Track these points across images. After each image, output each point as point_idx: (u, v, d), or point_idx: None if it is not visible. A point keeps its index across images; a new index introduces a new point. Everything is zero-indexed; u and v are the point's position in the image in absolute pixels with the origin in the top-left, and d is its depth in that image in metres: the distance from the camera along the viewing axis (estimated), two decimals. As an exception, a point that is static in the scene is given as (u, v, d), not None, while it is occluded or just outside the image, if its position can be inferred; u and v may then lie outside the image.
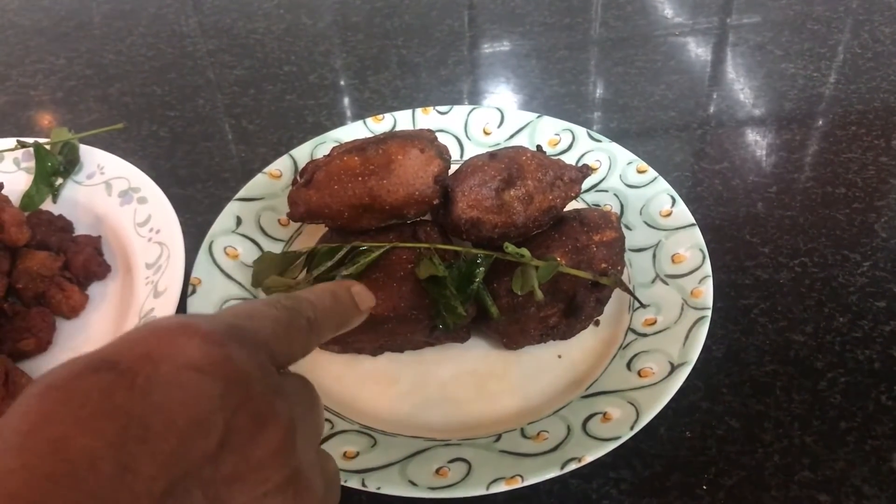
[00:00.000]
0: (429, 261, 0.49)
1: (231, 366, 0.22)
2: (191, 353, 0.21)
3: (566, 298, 0.51)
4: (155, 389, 0.20)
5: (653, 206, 0.60)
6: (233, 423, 0.21)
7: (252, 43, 0.91)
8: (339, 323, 0.32)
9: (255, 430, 0.22)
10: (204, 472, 0.20)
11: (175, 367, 0.21)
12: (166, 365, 0.21)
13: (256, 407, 0.22)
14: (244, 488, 0.21)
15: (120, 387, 0.20)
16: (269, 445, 0.22)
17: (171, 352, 0.21)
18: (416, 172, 0.50)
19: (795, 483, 0.47)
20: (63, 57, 0.89)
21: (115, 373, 0.20)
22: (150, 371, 0.20)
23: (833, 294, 0.58)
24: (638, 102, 0.79)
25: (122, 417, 0.19)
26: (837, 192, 0.67)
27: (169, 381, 0.20)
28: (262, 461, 0.22)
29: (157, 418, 0.20)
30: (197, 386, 0.21)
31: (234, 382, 0.22)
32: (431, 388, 0.52)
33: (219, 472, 0.21)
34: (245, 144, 0.75)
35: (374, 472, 0.44)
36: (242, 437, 0.21)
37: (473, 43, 0.91)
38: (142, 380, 0.20)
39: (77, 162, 0.66)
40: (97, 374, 0.20)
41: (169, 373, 0.21)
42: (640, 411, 0.46)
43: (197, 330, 0.22)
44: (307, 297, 0.29)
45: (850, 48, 0.86)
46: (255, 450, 0.22)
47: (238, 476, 0.21)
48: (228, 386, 0.21)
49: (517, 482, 0.43)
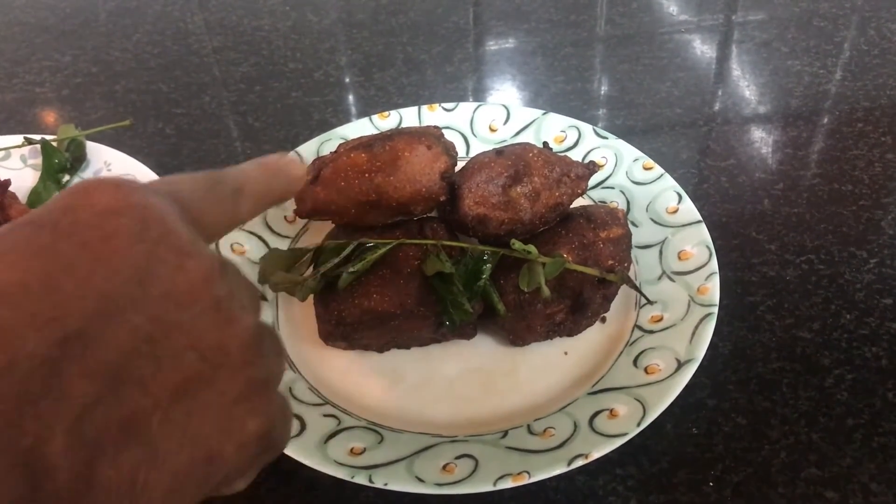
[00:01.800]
0: (435, 257, 0.49)
1: (146, 210, 0.23)
2: (108, 201, 0.22)
3: (573, 295, 0.51)
4: (76, 232, 0.21)
5: (659, 202, 0.60)
6: (155, 254, 0.22)
7: (258, 40, 0.91)
8: (269, 190, 0.32)
9: (178, 260, 0.23)
10: (135, 293, 0.21)
11: (94, 213, 0.22)
12: (85, 213, 0.22)
13: (178, 241, 0.23)
14: (177, 307, 0.22)
15: (43, 232, 0.21)
16: (196, 273, 0.23)
17: (90, 202, 0.22)
18: (422, 169, 0.50)
19: (802, 480, 0.47)
20: (69, 54, 0.90)
21: (37, 225, 0.22)
22: (71, 218, 0.22)
23: (840, 291, 0.58)
24: (644, 99, 0.79)
25: (48, 255, 0.21)
26: (844, 189, 0.67)
27: (89, 224, 0.22)
28: (190, 283, 0.23)
29: (81, 254, 0.21)
30: (115, 224, 0.22)
31: (150, 221, 0.23)
32: (438, 385, 0.52)
33: (149, 295, 0.22)
34: (251, 141, 0.76)
35: (381, 469, 0.44)
36: (167, 266, 0.22)
37: (479, 40, 0.91)
38: (65, 224, 0.22)
39: (84, 159, 0.66)
40: (21, 228, 0.22)
41: (88, 218, 0.22)
42: (647, 408, 0.46)
43: (109, 183, 0.23)
44: (236, 168, 0.30)
45: (856, 45, 0.86)
46: (183, 276, 0.23)
47: (169, 297, 0.22)
48: (145, 223, 0.23)
49: (524, 478, 0.43)
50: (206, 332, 0.23)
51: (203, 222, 0.27)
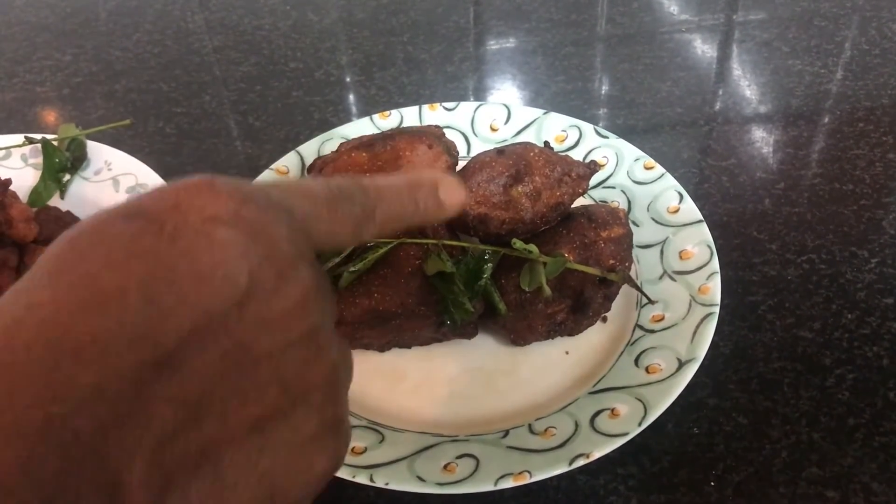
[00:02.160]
0: (436, 257, 0.49)
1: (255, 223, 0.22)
2: (217, 207, 0.21)
3: (574, 295, 0.51)
4: (182, 237, 0.21)
5: (660, 202, 0.60)
6: (256, 273, 0.21)
7: (258, 39, 0.91)
8: (412, 218, 0.29)
9: (278, 283, 0.22)
10: (229, 317, 0.20)
11: (201, 219, 0.21)
12: (193, 216, 0.21)
13: (280, 262, 0.22)
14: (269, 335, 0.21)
15: (148, 232, 0.20)
16: (291, 299, 0.22)
17: (199, 204, 0.21)
18: (423, 169, 0.50)
19: (803, 480, 0.47)
20: (69, 53, 0.90)
21: (145, 220, 0.21)
22: (178, 220, 0.21)
23: (841, 291, 0.58)
24: (644, 99, 0.78)
25: (150, 259, 0.20)
26: (845, 189, 0.67)
27: (196, 230, 0.21)
28: (285, 313, 0.22)
29: (184, 263, 0.20)
30: (222, 236, 0.21)
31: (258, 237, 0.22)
32: (439, 384, 0.52)
33: (244, 318, 0.21)
34: (252, 141, 0.76)
35: (382, 468, 0.44)
36: (266, 288, 0.21)
37: (479, 39, 0.91)
38: (170, 227, 0.21)
39: (84, 158, 0.66)
40: (126, 221, 0.21)
41: (195, 223, 0.21)
42: (648, 408, 0.46)
43: (223, 187, 0.22)
44: (378, 186, 0.28)
45: (857, 44, 0.85)
46: (278, 301, 0.22)
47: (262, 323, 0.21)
48: (252, 239, 0.21)
49: (525, 478, 0.43)
50: (293, 365, 0.22)
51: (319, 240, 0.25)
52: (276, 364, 0.21)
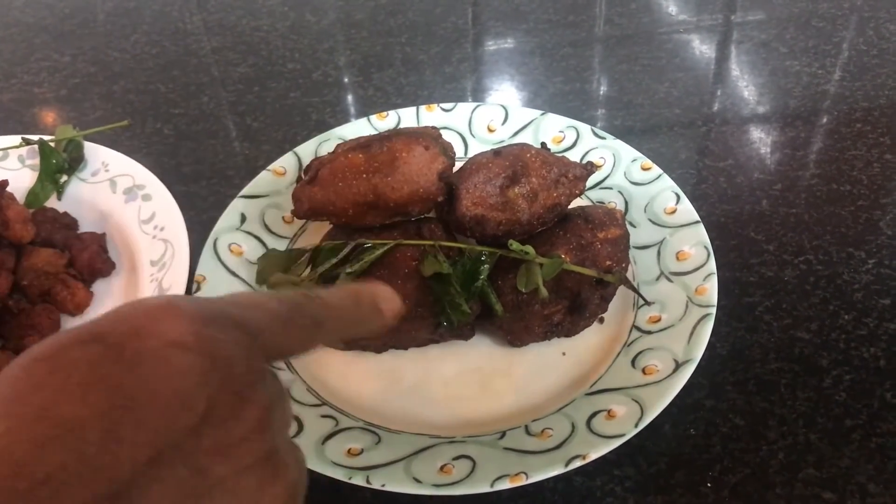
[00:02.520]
0: (433, 258, 0.49)
1: (215, 346, 0.22)
2: (177, 331, 0.22)
3: (570, 296, 0.51)
4: (141, 363, 0.21)
5: (657, 203, 0.60)
6: (215, 398, 0.21)
7: (256, 40, 0.91)
8: (357, 327, 0.31)
9: (236, 407, 0.22)
10: (187, 444, 0.21)
11: (161, 343, 0.21)
12: (153, 340, 0.21)
13: (238, 386, 0.22)
14: (225, 461, 0.22)
15: (107, 359, 0.20)
16: (249, 423, 0.22)
17: (159, 329, 0.21)
18: (420, 170, 0.50)
19: (800, 481, 0.47)
20: (67, 54, 0.90)
21: (103, 346, 0.21)
22: (137, 346, 0.21)
23: (838, 292, 0.58)
24: (642, 100, 0.78)
25: (108, 388, 0.20)
26: (842, 190, 0.67)
27: (155, 355, 0.21)
28: (242, 436, 0.22)
29: (143, 391, 0.20)
30: (182, 362, 0.21)
31: (218, 361, 0.22)
32: (435, 386, 0.52)
33: (201, 445, 0.21)
34: (249, 142, 0.75)
35: (378, 470, 0.44)
36: (223, 413, 0.22)
37: (477, 40, 0.91)
38: (129, 353, 0.21)
39: (82, 159, 0.66)
40: (85, 347, 0.21)
41: (155, 348, 0.21)
42: (645, 409, 0.46)
43: (184, 310, 0.22)
44: (325, 298, 0.29)
45: (855, 45, 0.85)
46: (236, 425, 0.22)
47: (219, 449, 0.22)
48: (212, 363, 0.22)
49: (521, 479, 0.43)
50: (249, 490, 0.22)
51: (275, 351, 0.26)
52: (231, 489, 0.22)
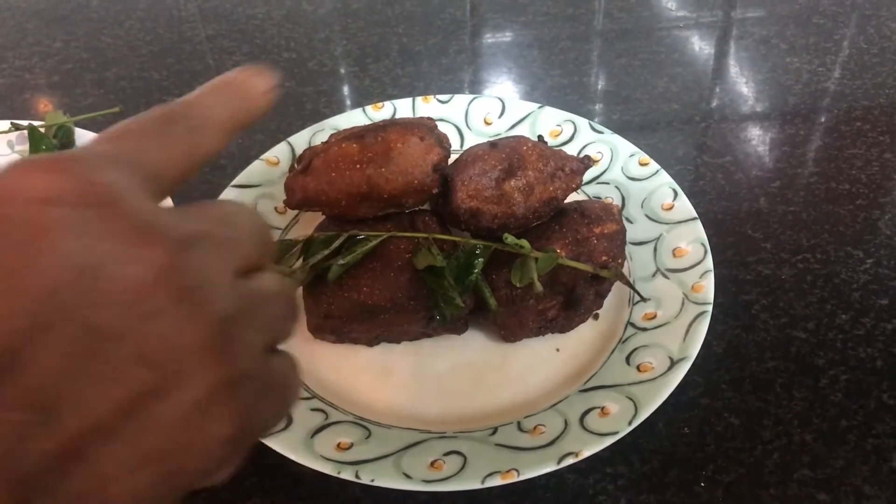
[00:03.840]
0: (427, 251, 0.48)
1: (86, 190, 0.20)
2: (42, 185, 0.19)
3: (565, 291, 0.50)
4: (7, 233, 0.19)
5: (654, 199, 0.59)
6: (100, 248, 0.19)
7: (251, 28, 0.89)
8: (233, 116, 0.27)
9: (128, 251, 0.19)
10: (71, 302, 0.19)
11: (24, 205, 0.19)
12: (15, 206, 0.19)
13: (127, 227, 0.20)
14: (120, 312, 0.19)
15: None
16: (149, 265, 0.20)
17: (19, 190, 0.19)
18: (415, 161, 0.49)
19: (795, 481, 0.46)
20: (60, 40, 0.88)
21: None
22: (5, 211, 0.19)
23: (835, 291, 0.57)
24: (641, 95, 0.78)
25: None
26: (841, 189, 0.66)
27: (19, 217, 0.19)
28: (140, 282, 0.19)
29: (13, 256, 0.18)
30: (50, 217, 0.19)
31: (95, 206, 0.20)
32: (427, 380, 0.51)
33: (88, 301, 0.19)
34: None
35: (367, 464, 0.44)
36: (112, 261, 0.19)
37: (475, 32, 0.90)
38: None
39: (72, 145, 0.65)
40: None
41: (19, 212, 0.19)
42: (639, 406, 0.45)
43: (42, 163, 0.20)
44: (183, 99, 0.26)
45: (855, 43, 0.85)
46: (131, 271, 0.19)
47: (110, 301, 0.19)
48: (88, 210, 0.19)
49: (513, 476, 0.42)
50: (158, 337, 0.19)
51: (163, 174, 0.23)
52: (134, 339, 0.19)
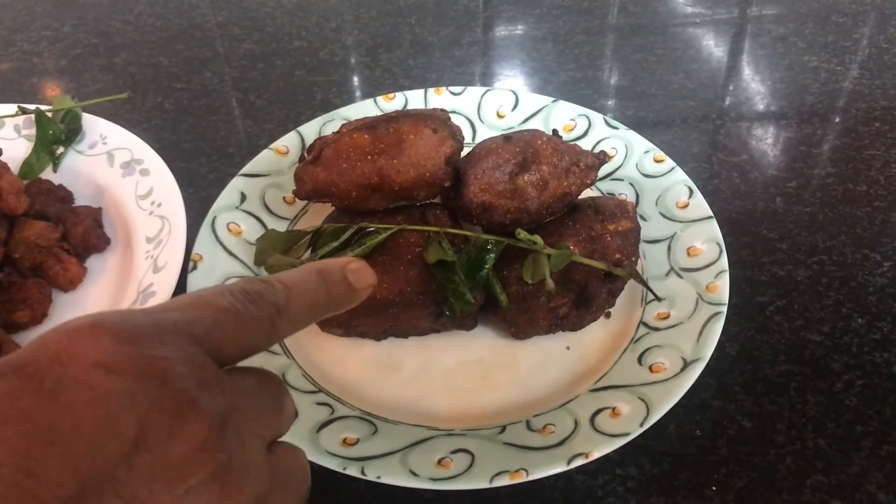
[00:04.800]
0: (438, 245, 0.48)
1: (144, 362, 0.21)
2: (100, 352, 0.20)
3: (577, 289, 0.49)
4: (63, 392, 0.20)
5: (669, 196, 0.58)
6: (147, 420, 0.20)
7: (262, 16, 0.88)
8: (325, 308, 0.28)
9: (173, 425, 0.21)
10: (118, 473, 0.19)
11: (84, 368, 0.20)
12: (75, 366, 0.20)
13: (174, 402, 0.21)
14: (163, 487, 0.20)
15: (26, 391, 0.19)
16: (190, 441, 0.21)
17: (81, 352, 0.20)
18: (427, 153, 0.49)
19: (808, 487, 0.45)
20: (69, 24, 0.88)
21: (22, 376, 0.20)
22: (59, 373, 0.20)
23: (851, 294, 0.56)
24: (656, 90, 0.77)
25: (26, 422, 0.19)
26: (859, 190, 0.65)
27: (77, 382, 0.20)
28: (182, 458, 0.21)
29: (65, 421, 0.19)
30: (105, 385, 0.20)
31: (147, 378, 0.21)
32: (435, 376, 0.51)
33: (134, 473, 0.20)
34: (252, 119, 0.74)
35: (374, 461, 0.43)
36: (159, 435, 0.20)
37: (489, 24, 0.89)
38: (49, 383, 0.20)
39: (79, 131, 0.64)
40: (2, 379, 0.20)
41: (77, 374, 0.20)
42: (651, 408, 0.44)
43: (107, 328, 0.21)
44: (284, 279, 0.27)
45: (875, 42, 0.83)
46: (174, 447, 0.21)
47: (155, 475, 0.20)
48: (141, 383, 0.20)
49: (521, 476, 0.42)
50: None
51: (227, 350, 0.24)
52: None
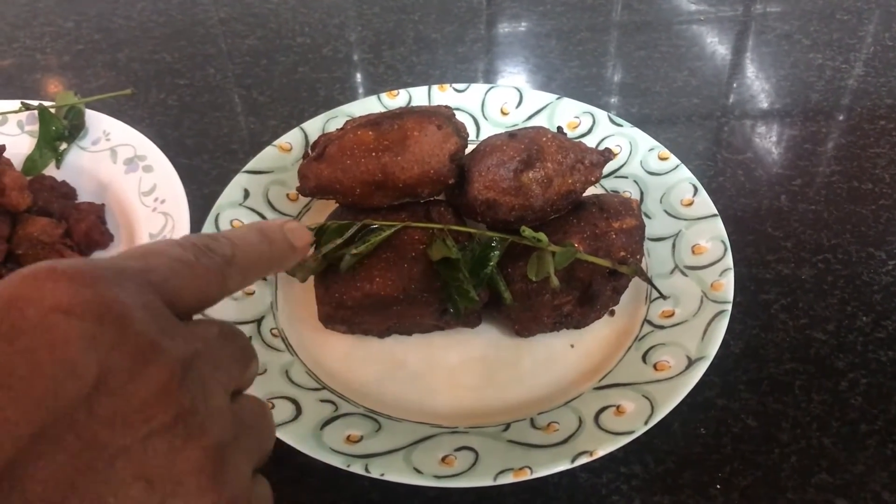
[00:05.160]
0: (442, 242, 0.47)
1: (103, 305, 0.21)
2: (57, 296, 0.20)
3: (582, 286, 0.49)
4: (19, 336, 0.19)
5: (674, 194, 0.58)
6: (107, 362, 0.20)
7: (265, 12, 0.88)
8: (269, 262, 0.30)
9: (134, 368, 0.20)
10: (77, 415, 0.19)
11: (41, 311, 0.20)
12: (31, 309, 0.20)
13: (136, 344, 0.21)
14: (124, 429, 0.20)
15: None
16: (153, 383, 0.21)
17: (37, 296, 0.20)
18: (431, 150, 0.48)
19: (812, 486, 0.45)
20: (71, 20, 0.87)
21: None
22: (15, 317, 0.20)
23: (857, 293, 0.56)
24: (660, 88, 0.76)
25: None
26: (864, 188, 0.65)
27: (34, 325, 0.20)
28: (144, 400, 0.20)
29: (22, 365, 0.19)
30: (63, 328, 0.20)
31: (108, 321, 0.20)
32: (439, 374, 0.51)
33: (94, 414, 0.20)
34: (255, 116, 0.74)
35: (377, 458, 0.43)
36: (120, 377, 0.20)
37: (492, 21, 0.89)
38: (5, 327, 0.20)
39: (82, 127, 0.64)
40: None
41: (34, 317, 0.20)
42: (655, 405, 0.44)
43: (64, 272, 0.21)
44: (229, 235, 0.28)
45: (879, 40, 0.83)
46: (135, 389, 0.20)
47: (116, 417, 0.20)
48: (100, 325, 0.20)
49: (526, 474, 0.42)
50: (157, 457, 0.20)
51: (183, 299, 0.24)
52: (136, 458, 0.20)
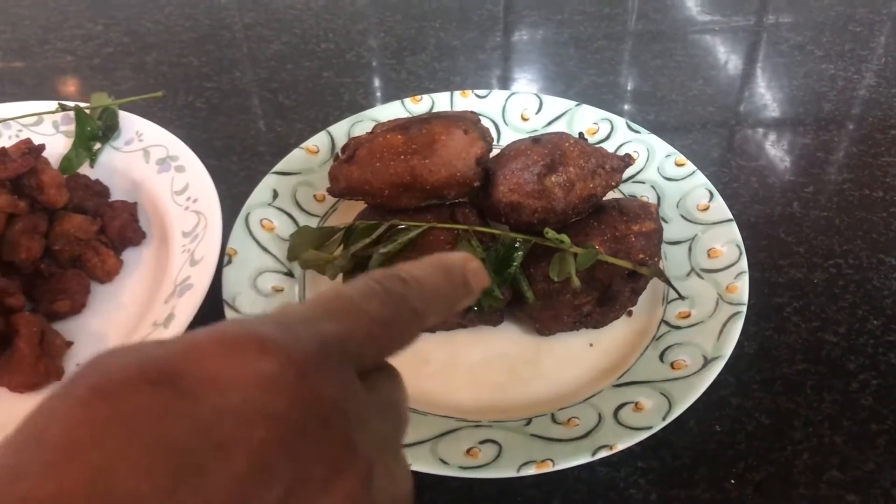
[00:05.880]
0: (467, 243, 0.49)
1: (309, 402, 0.19)
2: (263, 385, 0.18)
3: (601, 287, 0.51)
4: (217, 425, 0.17)
5: (690, 199, 0.59)
6: (303, 471, 0.18)
7: (290, 18, 0.90)
8: (446, 307, 0.26)
9: (329, 476, 0.19)
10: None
11: (243, 402, 0.18)
12: (234, 394, 0.18)
13: (333, 451, 0.19)
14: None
15: (177, 413, 0.17)
16: (342, 493, 0.19)
17: (243, 377, 0.18)
18: (458, 153, 0.50)
19: (824, 482, 0.47)
20: (101, 23, 0.90)
21: (175, 392, 0.17)
22: (215, 400, 0.18)
23: (867, 297, 0.58)
24: (676, 96, 0.78)
25: (175, 456, 0.17)
26: (875, 196, 0.66)
27: (235, 417, 0.18)
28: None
29: (216, 461, 0.17)
30: (265, 429, 0.18)
31: (311, 422, 0.19)
32: (462, 370, 0.52)
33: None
34: (281, 119, 0.76)
35: (405, 449, 0.44)
36: (313, 486, 0.18)
37: (511, 28, 0.91)
38: (204, 409, 0.17)
39: (116, 128, 0.66)
40: (153, 390, 0.17)
41: (236, 406, 0.18)
42: (673, 402, 0.46)
43: (271, 349, 0.19)
44: (418, 276, 0.24)
45: (891, 52, 0.85)
46: (325, 498, 0.19)
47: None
48: (303, 426, 0.18)
49: (548, 466, 0.43)
50: None
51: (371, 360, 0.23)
52: None
